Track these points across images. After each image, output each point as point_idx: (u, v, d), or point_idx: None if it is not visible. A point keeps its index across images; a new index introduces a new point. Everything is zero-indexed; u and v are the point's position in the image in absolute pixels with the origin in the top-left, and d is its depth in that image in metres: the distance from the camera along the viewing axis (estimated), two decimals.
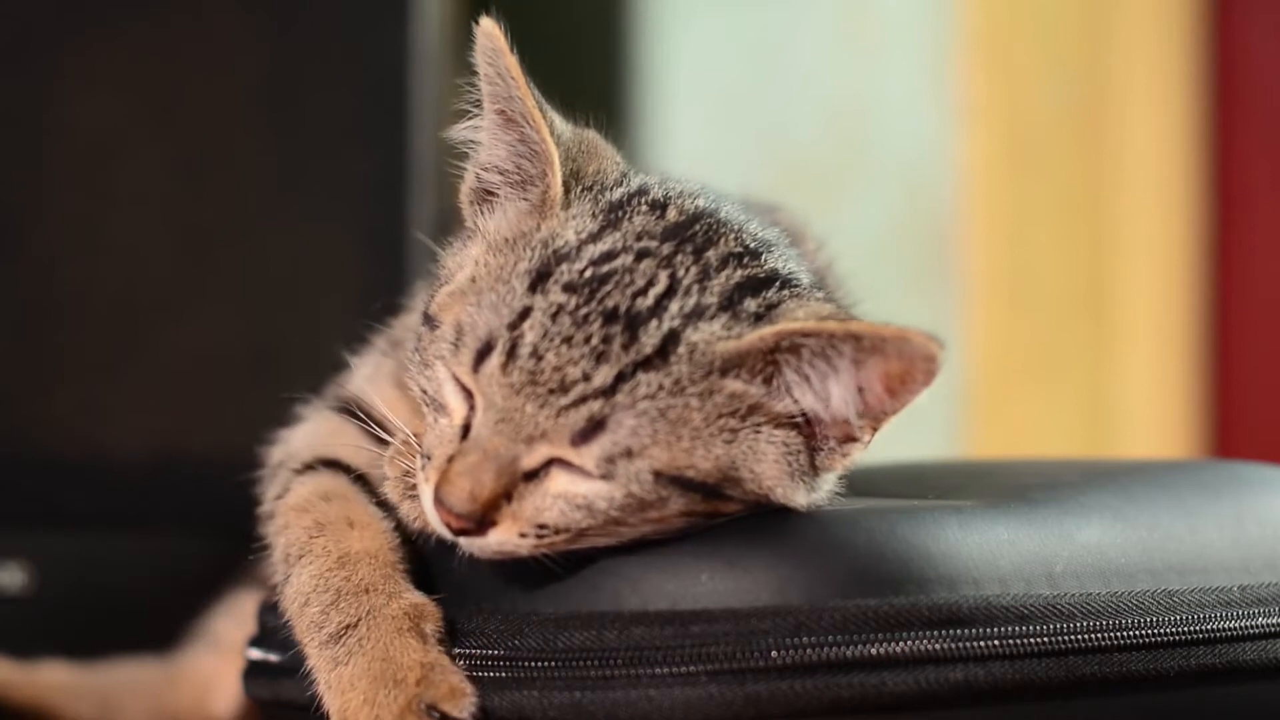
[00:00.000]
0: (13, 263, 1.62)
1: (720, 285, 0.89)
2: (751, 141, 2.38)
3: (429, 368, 0.91)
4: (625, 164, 0.98)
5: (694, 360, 0.87)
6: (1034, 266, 2.39)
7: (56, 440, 1.62)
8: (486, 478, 0.86)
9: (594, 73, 2.34)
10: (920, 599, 0.86)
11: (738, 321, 0.88)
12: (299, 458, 1.02)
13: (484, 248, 0.93)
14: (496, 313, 0.88)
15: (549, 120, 0.93)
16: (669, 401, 0.86)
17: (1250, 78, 2.50)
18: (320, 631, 0.91)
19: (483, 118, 0.95)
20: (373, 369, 1.04)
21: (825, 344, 0.86)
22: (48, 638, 1.41)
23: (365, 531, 0.94)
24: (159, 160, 1.63)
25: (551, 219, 0.92)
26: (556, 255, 0.89)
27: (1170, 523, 0.97)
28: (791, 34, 2.38)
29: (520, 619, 0.89)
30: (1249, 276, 2.51)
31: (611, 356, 0.85)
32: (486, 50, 0.92)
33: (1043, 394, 2.39)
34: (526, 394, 0.86)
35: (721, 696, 0.85)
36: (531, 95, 0.92)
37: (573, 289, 0.87)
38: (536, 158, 0.93)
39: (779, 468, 0.88)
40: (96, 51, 1.62)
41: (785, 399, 0.88)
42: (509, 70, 0.92)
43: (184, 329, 1.62)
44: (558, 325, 0.86)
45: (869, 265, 2.32)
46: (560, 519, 0.86)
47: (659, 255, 0.89)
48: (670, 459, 0.86)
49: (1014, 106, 2.36)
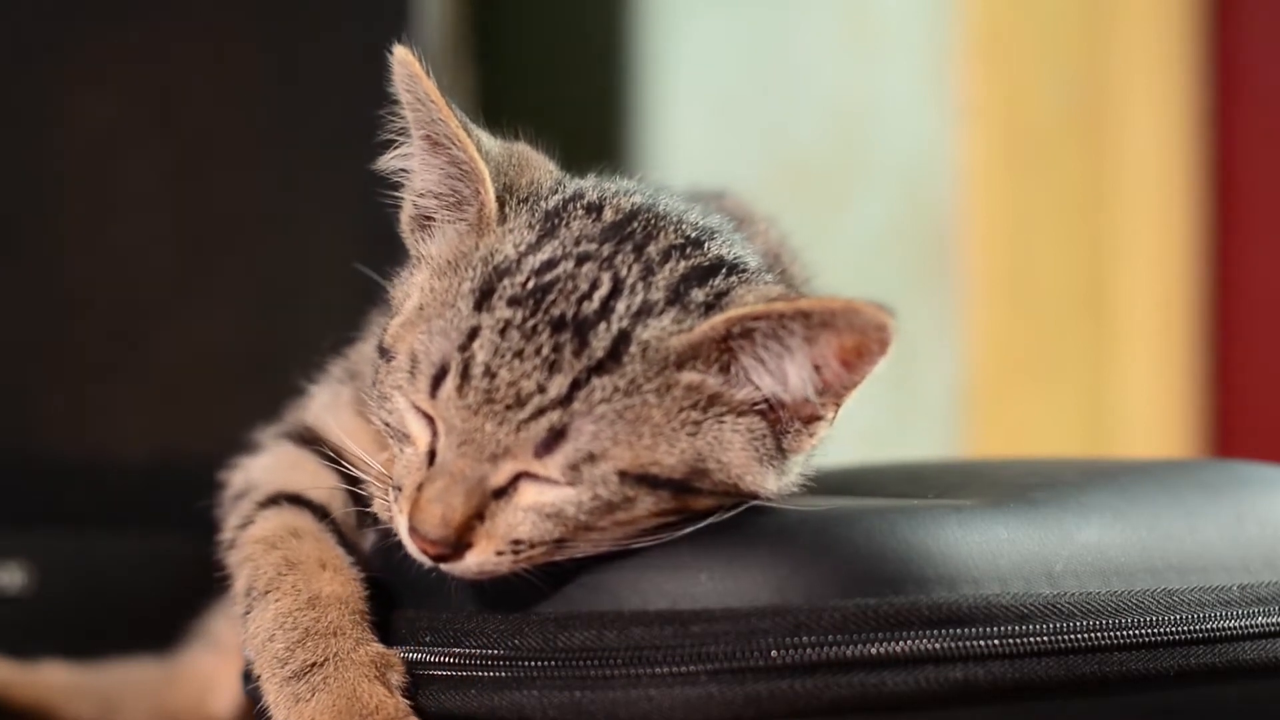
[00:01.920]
0: (13, 263, 1.62)
1: (665, 279, 0.89)
2: (751, 141, 2.38)
3: (388, 400, 0.91)
4: (559, 171, 0.98)
5: (647, 358, 0.87)
6: (1034, 266, 2.39)
7: (56, 440, 1.62)
8: (456, 501, 0.86)
9: (594, 73, 2.34)
10: (920, 598, 0.86)
11: (687, 313, 0.88)
12: (262, 489, 1.02)
13: (429, 273, 0.93)
14: (446, 336, 0.88)
15: (475, 139, 0.93)
16: (626, 402, 0.86)
17: (1250, 78, 2.50)
18: (283, 668, 0.91)
19: (410, 145, 0.95)
20: (331, 397, 1.05)
21: (776, 325, 0.86)
22: (48, 638, 1.41)
23: (337, 576, 0.95)
24: (159, 160, 1.63)
25: (489, 235, 0.92)
26: (498, 271, 0.89)
27: (1170, 522, 0.97)
28: (791, 34, 2.38)
29: (520, 619, 0.89)
30: (1249, 276, 2.51)
31: (564, 365, 0.86)
32: (404, 77, 0.93)
33: (1043, 394, 2.39)
34: (485, 413, 0.86)
35: (721, 696, 0.85)
36: (454, 116, 0.92)
37: (518, 302, 0.87)
38: (467, 177, 0.93)
39: (746, 455, 0.88)
40: (96, 51, 1.62)
41: (745, 385, 0.88)
42: (428, 94, 0.92)
43: (184, 329, 1.62)
44: (507, 341, 0.86)
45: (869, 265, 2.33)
46: (533, 531, 0.86)
47: (600, 257, 0.89)
48: (633, 458, 0.86)
49: (1014, 106, 2.36)
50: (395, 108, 0.94)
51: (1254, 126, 2.50)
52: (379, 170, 0.97)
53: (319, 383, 1.07)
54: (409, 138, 0.95)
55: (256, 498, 1.01)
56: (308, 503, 1.00)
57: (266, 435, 1.06)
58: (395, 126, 0.95)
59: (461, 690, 0.90)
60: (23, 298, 1.62)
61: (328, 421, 1.02)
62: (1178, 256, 2.47)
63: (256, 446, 1.06)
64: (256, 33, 1.65)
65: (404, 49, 0.92)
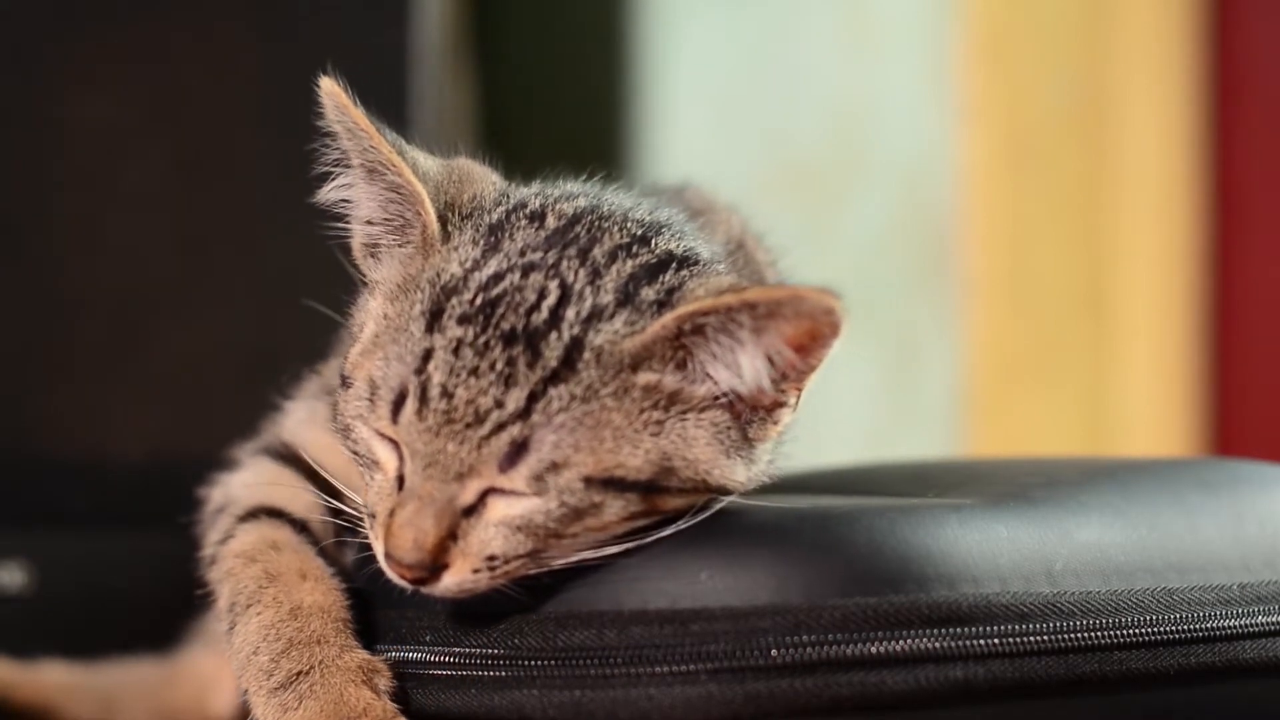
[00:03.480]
0: (13, 263, 1.62)
1: (613, 281, 0.89)
2: (751, 141, 2.38)
3: (352, 430, 0.91)
4: (503, 182, 0.98)
5: (602, 363, 0.87)
6: (1034, 266, 2.39)
7: (56, 440, 1.62)
8: (427, 524, 0.86)
9: (594, 73, 2.34)
10: (920, 597, 0.86)
11: (639, 313, 0.88)
12: (241, 504, 1.02)
13: (381, 299, 0.93)
14: (402, 361, 0.88)
15: (410, 161, 0.93)
16: (585, 408, 0.86)
17: (1250, 77, 2.50)
18: (269, 679, 0.91)
19: (347, 175, 0.95)
20: (307, 413, 1.05)
21: (724, 319, 0.86)
22: (48, 638, 1.41)
23: (318, 586, 0.95)
24: (159, 160, 1.63)
25: (435, 256, 0.92)
26: (446, 290, 0.89)
27: (1170, 521, 0.97)
28: (791, 34, 2.38)
29: (520, 618, 0.89)
30: (1249, 276, 2.51)
31: (519, 378, 0.86)
32: (333, 109, 0.93)
33: (1043, 394, 2.39)
34: (446, 434, 0.86)
35: (721, 695, 0.85)
36: (386, 142, 0.92)
37: (468, 320, 0.87)
38: (407, 201, 0.93)
39: (712, 449, 0.88)
40: (97, 51, 1.62)
41: (703, 380, 0.88)
42: (358, 124, 0.92)
43: (184, 329, 1.62)
44: (461, 360, 0.86)
45: (869, 265, 2.33)
46: (506, 546, 0.87)
47: (546, 266, 0.89)
48: (596, 462, 0.86)
49: (1014, 106, 2.36)
50: (328, 140, 0.94)
51: (1254, 126, 2.51)
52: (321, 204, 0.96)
53: (294, 398, 1.07)
54: (346, 168, 0.94)
55: (235, 512, 1.01)
56: (287, 516, 1.00)
57: (245, 451, 1.06)
58: (330, 158, 0.94)
59: (461, 690, 0.90)
60: (23, 298, 1.62)
61: (304, 437, 1.02)
62: (1178, 256, 2.47)
63: (235, 463, 1.06)
64: (256, 33, 1.65)
65: (329, 81, 0.92)
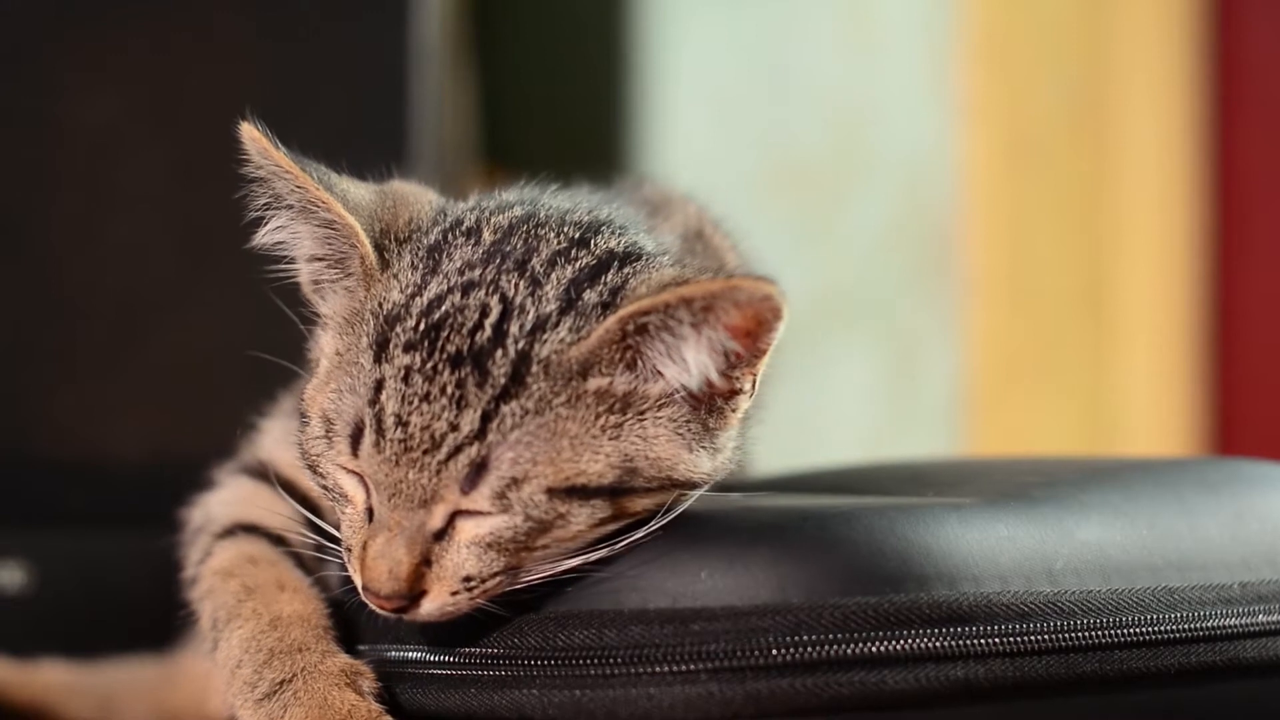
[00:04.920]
0: (13, 263, 1.62)
1: (554, 289, 0.88)
2: (751, 141, 2.38)
3: (317, 467, 0.91)
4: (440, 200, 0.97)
5: (551, 374, 0.86)
6: (1034, 266, 2.39)
7: (56, 440, 1.62)
8: (400, 553, 0.86)
9: (594, 73, 2.34)
10: (920, 596, 0.86)
11: (584, 318, 0.88)
12: (218, 522, 1.02)
13: (332, 334, 0.93)
14: (355, 394, 0.88)
15: (340, 195, 0.93)
16: (539, 421, 0.86)
17: (1250, 77, 2.50)
18: (254, 691, 0.91)
19: (280, 217, 0.94)
20: (282, 432, 1.04)
21: (665, 316, 0.86)
22: (48, 638, 1.41)
23: (296, 595, 0.95)
24: (159, 160, 1.63)
25: (376, 286, 0.91)
26: (389, 319, 0.89)
27: (1170, 520, 0.97)
28: (791, 34, 2.38)
29: (520, 618, 0.89)
30: (1249, 275, 2.51)
31: (471, 399, 0.85)
32: (256, 154, 0.92)
33: (1043, 394, 2.39)
34: (406, 462, 0.86)
35: (722, 694, 0.85)
36: (312, 180, 0.92)
37: (414, 347, 0.87)
38: (342, 235, 0.93)
39: (674, 445, 0.88)
40: (97, 51, 1.62)
41: (655, 378, 0.88)
42: (282, 166, 0.92)
43: (184, 329, 1.62)
44: (412, 387, 0.86)
45: (869, 265, 2.33)
46: (480, 565, 0.87)
47: (484, 282, 0.89)
48: (557, 473, 0.86)
49: (1014, 106, 2.36)
50: (256, 186, 0.93)
51: (1254, 126, 2.51)
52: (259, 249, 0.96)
53: (270, 417, 1.07)
54: (278, 210, 0.94)
55: (213, 530, 1.01)
56: (263, 530, 1.00)
57: (223, 471, 1.06)
58: (260, 203, 0.94)
59: (461, 690, 0.90)
60: (22, 298, 1.62)
61: (280, 456, 1.02)
62: (1178, 256, 2.47)
63: (213, 483, 1.06)
64: (256, 32, 1.65)
65: (248, 126, 0.92)
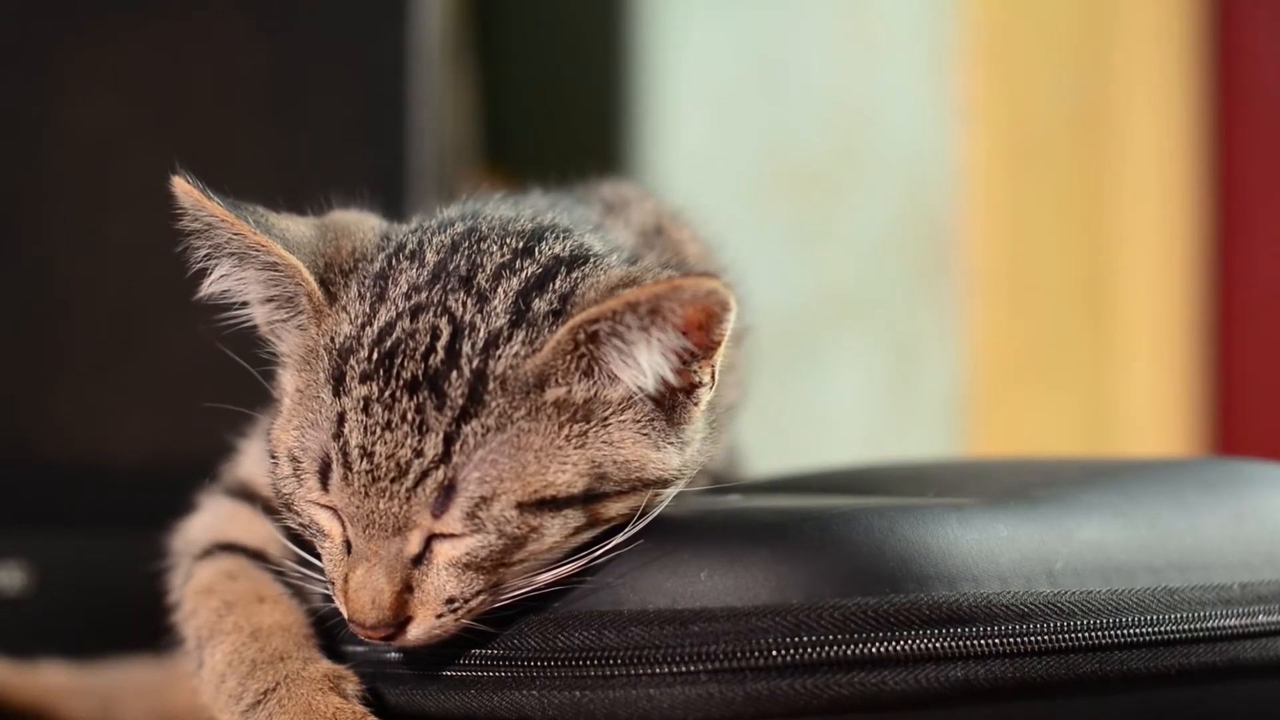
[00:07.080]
0: (13, 263, 1.62)
1: (502, 302, 0.88)
2: (751, 141, 2.39)
3: (291, 505, 0.91)
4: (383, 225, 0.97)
5: (508, 389, 0.86)
6: (1034, 266, 2.39)
7: (56, 441, 1.62)
8: (380, 582, 0.86)
9: (594, 73, 2.34)
10: (920, 597, 0.86)
11: (536, 329, 0.87)
12: (198, 544, 1.02)
13: (292, 372, 0.93)
14: (318, 429, 0.88)
15: (278, 236, 0.92)
16: (501, 438, 0.85)
17: (1251, 77, 2.50)
18: (239, 704, 0.91)
19: (224, 265, 0.93)
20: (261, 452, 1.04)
21: (613, 322, 0.86)
22: (48, 638, 1.41)
23: (276, 606, 0.95)
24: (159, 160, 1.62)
25: (326, 320, 0.91)
26: (343, 352, 0.89)
27: (1170, 520, 0.97)
28: (791, 34, 2.38)
29: (520, 619, 0.89)
30: (1249, 275, 2.51)
31: (431, 423, 0.85)
32: (189, 207, 0.92)
33: (1043, 394, 2.39)
34: (375, 492, 0.86)
35: (721, 695, 0.85)
36: (249, 225, 0.91)
37: (369, 377, 0.87)
38: (286, 275, 0.92)
39: (641, 446, 0.88)
40: (96, 51, 1.62)
41: (614, 383, 0.88)
42: (216, 216, 0.91)
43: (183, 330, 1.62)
44: (372, 417, 0.86)
45: (869, 265, 2.33)
46: (460, 586, 0.87)
47: (432, 304, 0.88)
48: (524, 487, 0.86)
49: (1014, 106, 2.36)
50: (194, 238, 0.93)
51: (1254, 126, 2.51)
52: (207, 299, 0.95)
53: (249, 437, 1.07)
54: (221, 259, 0.93)
55: (193, 552, 1.02)
56: (241, 548, 1.00)
57: (205, 495, 1.06)
58: (202, 254, 0.93)
59: (461, 691, 0.90)
60: (22, 298, 1.62)
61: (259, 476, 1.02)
62: (1178, 256, 2.47)
63: (195, 507, 1.06)
64: (256, 33, 1.65)
65: (180, 180, 0.92)
